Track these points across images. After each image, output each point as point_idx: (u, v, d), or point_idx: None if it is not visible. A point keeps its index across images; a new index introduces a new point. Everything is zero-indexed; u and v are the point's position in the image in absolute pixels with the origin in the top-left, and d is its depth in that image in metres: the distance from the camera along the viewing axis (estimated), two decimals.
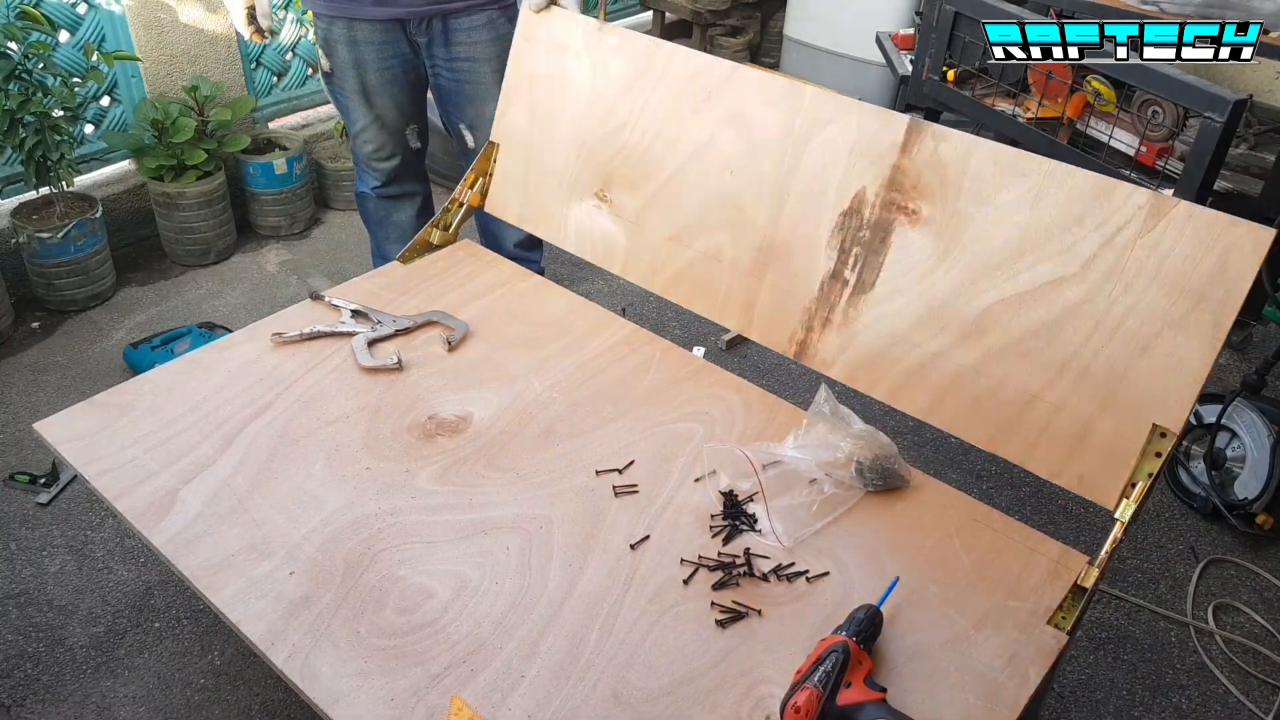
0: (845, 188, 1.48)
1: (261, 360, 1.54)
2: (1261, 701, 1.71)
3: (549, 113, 1.80)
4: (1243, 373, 2.52)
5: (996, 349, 1.34)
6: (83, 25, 2.59)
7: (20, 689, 1.62)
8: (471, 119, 2.12)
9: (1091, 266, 1.27)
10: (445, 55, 2.03)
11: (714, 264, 1.60)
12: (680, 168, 1.65)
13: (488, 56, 2.03)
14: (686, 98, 1.64)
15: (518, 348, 1.61)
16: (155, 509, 1.26)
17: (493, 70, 2.03)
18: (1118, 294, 1.25)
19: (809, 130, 1.52)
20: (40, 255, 2.46)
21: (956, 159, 1.38)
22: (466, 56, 2.02)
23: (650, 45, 1.69)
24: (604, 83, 1.73)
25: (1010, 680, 1.09)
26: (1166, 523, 2.08)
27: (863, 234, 1.46)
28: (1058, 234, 1.29)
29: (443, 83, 2.09)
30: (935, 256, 1.39)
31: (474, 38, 2.01)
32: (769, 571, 1.21)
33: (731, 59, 4.21)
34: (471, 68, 2.04)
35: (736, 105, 1.59)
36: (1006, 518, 1.31)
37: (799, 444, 1.37)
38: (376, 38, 2.00)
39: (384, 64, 2.04)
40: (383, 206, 2.29)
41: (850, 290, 1.47)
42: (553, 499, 1.31)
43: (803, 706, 0.97)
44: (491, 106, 2.05)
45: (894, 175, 1.44)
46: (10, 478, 2.02)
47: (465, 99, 2.09)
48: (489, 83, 2.05)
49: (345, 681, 1.06)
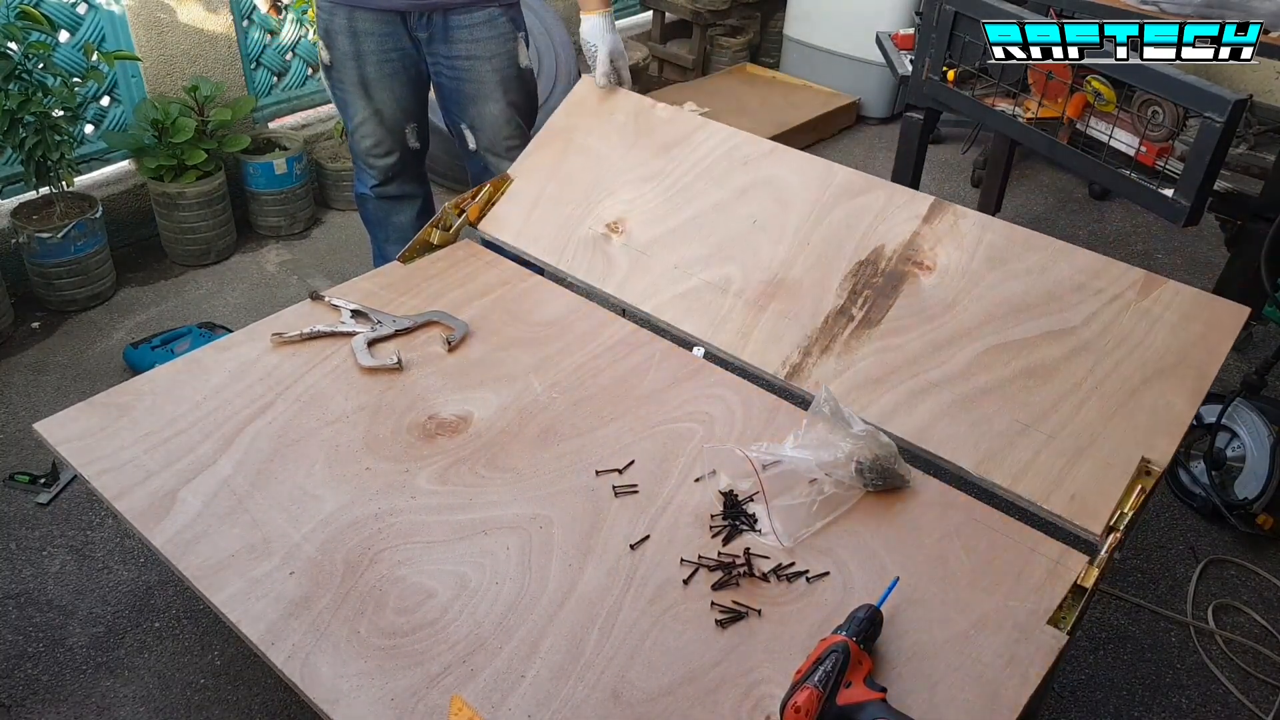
0: (865, 243, 1.61)
1: (261, 360, 1.54)
2: (1261, 701, 1.71)
3: (579, 160, 1.93)
4: (1243, 373, 2.52)
5: (993, 385, 1.41)
6: (83, 25, 2.59)
7: (20, 689, 1.62)
8: (473, 118, 2.11)
9: (1088, 325, 1.41)
10: (446, 53, 2.03)
11: (719, 292, 1.65)
12: (702, 211, 1.76)
13: (488, 55, 2.03)
14: (723, 162, 1.80)
15: (518, 348, 1.61)
16: (155, 509, 1.26)
17: (494, 69, 2.03)
18: (1110, 348, 1.38)
19: (838, 198, 1.67)
20: (40, 255, 2.46)
21: (973, 232, 1.55)
22: (466, 55, 2.02)
23: (697, 122, 1.88)
24: (644, 144, 1.89)
25: (1010, 680, 1.09)
26: (1166, 523, 2.08)
27: (876, 280, 1.57)
28: (1059, 296, 1.44)
29: (443, 81, 2.09)
30: (943, 305, 1.50)
31: (474, 35, 2.00)
32: (769, 571, 1.21)
33: (731, 59, 4.23)
34: (471, 66, 2.03)
35: (771, 173, 1.75)
36: (1006, 518, 1.31)
37: (799, 444, 1.37)
38: (377, 29, 2.00)
39: (384, 56, 2.04)
40: (382, 207, 2.28)
41: (855, 325, 1.54)
42: (553, 499, 1.31)
43: (803, 706, 0.97)
44: (493, 106, 2.04)
45: (913, 239, 1.58)
46: (10, 478, 2.02)
47: (466, 98, 2.09)
48: (490, 82, 2.05)
49: (345, 681, 1.06)
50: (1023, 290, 1.47)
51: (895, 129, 3.21)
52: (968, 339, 1.45)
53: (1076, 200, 3.48)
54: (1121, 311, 1.40)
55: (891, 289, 1.55)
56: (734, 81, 3.97)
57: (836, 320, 1.55)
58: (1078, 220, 3.35)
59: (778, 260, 1.64)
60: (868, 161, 3.59)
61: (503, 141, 2.12)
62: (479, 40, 2.01)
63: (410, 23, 2.00)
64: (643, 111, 1.93)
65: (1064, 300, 1.44)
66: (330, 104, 3.24)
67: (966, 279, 1.51)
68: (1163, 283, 1.39)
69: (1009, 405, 1.38)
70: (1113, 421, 1.32)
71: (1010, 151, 2.95)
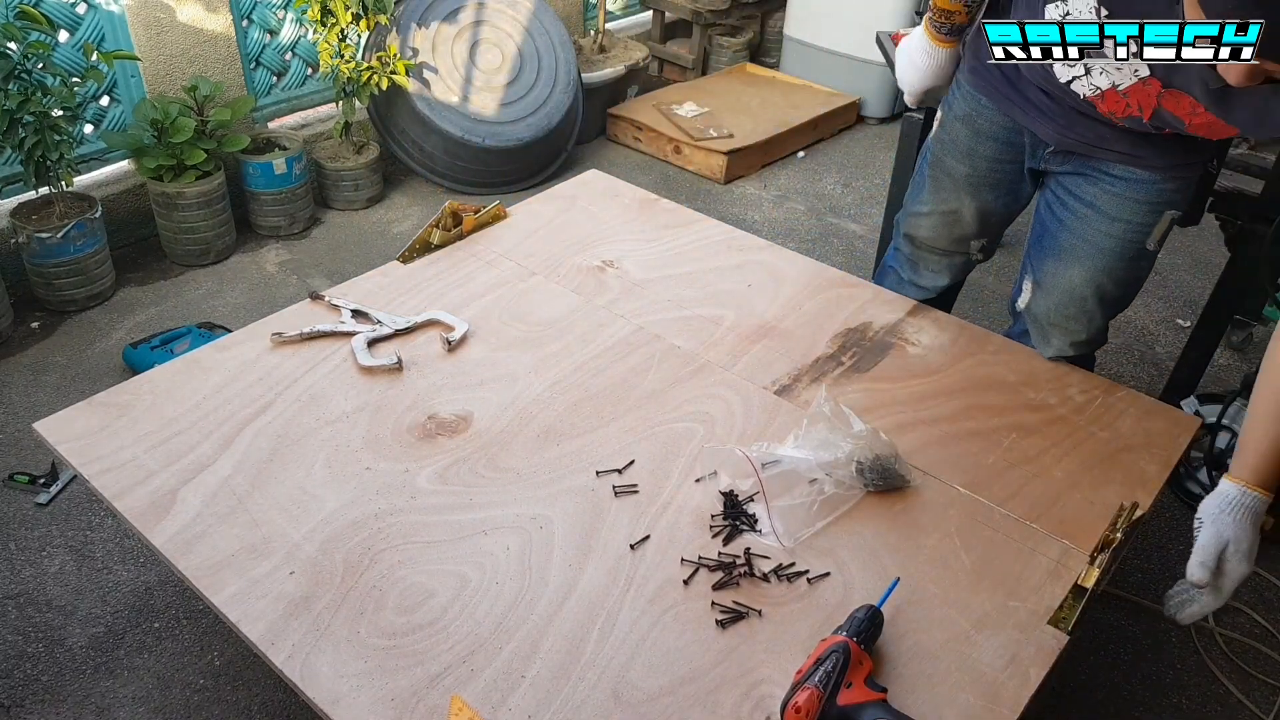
0: (854, 318, 1.75)
1: (261, 360, 1.54)
2: (1262, 702, 1.71)
3: (581, 216, 2.02)
4: (1243, 373, 2.52)
5: (979, 431, 1.50)
6: (82, 25, 2.58)
7: (20, 689, 1.61)
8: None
9: (1063, 405, 1.56)
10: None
11: (711, 324, 1.70)
12: (699, 270, 1.86)
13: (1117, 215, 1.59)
14: (721, 246, 1.95)
15: (517, 347, 1.61)
16: (155, 509, 1.26)
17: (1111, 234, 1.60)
18: (1084, 423, 1.52)
19: (830, 285, 1.84)
20: (40, 255, 2.46)
21: (953, 327, 1.74)
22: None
23: (697, 216, 2.04)
24: (646, 220, 2.02)
25: (1011, 680, 1.09)
26: (1166, 523, 2.08)
27: (864, 342, 1.68)
28: (1035, 383, 1.61)
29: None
30: (928, 369, 1.63)
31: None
32: (769, 571, 1.21)
33: (731, 59, 4.23)
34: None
35: (767, 259, 1.91)
36: (1007, 518, 1.31)
37: (799, 444, 1.37)
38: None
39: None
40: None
41: (844, 369, 1.62)
42: (553, 499, 1.31)
43: (803, 706, 0.97)
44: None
45: (898, 324, 1.73)
46: (10, 478, 2.01)
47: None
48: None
49: (346, 681, 1.06)
50: (1002, 372, 1.62)
51: (895, 129, 3.21)
52: (953, 396, 1.56)
53: None
54: (1091, 402, 1.57)
55: (880, 351, 1.66)
56: (734, 81, 3.96)
57: (826, 363, 1.62)
58: None
59: (770, 314, 1.73)
60: (868, 161, 3.59)
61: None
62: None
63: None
64: (649, 202, 2.08)
65: (1039, 385, 1.60)
66: (329, 104, 3.24)
67: (949, 356, 1.65)
68: (1122, 388, 1.60)
69: (995, 449, 1.45)
70: (1093, 473, 1.42)
71: None
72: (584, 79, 3.49)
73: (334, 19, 2.81)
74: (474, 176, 3.25)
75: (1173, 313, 2.86)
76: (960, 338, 1.70)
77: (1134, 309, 2.85)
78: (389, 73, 2.96)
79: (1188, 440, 1.50)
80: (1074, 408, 1.55)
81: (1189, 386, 2.13)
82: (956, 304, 2.78)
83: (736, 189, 3.42)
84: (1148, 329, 2.78)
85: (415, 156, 3.22)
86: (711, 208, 3.24)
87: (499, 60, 3.23)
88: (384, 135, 3.24)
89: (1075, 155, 1.58)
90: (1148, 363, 2.63)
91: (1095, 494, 1.37)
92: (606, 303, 1.73)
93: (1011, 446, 1.45)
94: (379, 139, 3.24)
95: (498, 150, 3.16)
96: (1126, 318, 2.81)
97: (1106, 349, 2.67)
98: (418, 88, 3.07)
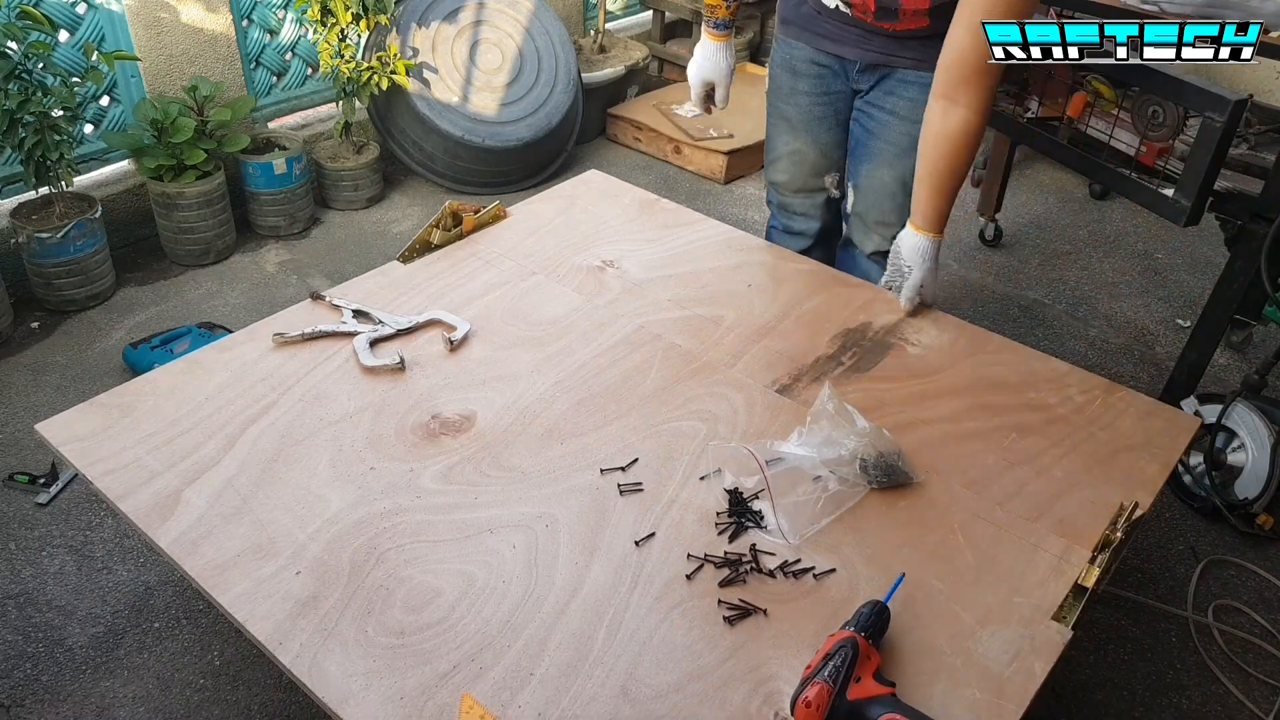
0: (854, 318, 1.75)
1: (263, 360, 1.54)
2: (1262, 702, 1.72)
3: (581, 216, 2.02)
4: (1243, 373, 2.53)
5: (979, 431, 1.49)
6: (82, 25, 2.58)
7: (20, 689, 1.61)
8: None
9: (1062, 405, 1.55)
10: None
11: (711, 324, 1.70)
12: (699, 270, 1.86)
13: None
14: (722, 247, 1.95)
15: (519, 347, 1.61)
16: (159, 510, 1.26)
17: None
18: (1083, 424, 1.52)
19: (829, 284, 1.84)
20: (40, 255, 2.45)
21: (953, 328, 1.73)
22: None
23: (694, 218, 2.04)
24: (646, 221, 2.02)
25: (1016, 675, 1.09)
26: (1166, 523, 2.09)
27: (864, 343, 1.68)
28: (1034, 384, 1.60)
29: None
30: (929, 370, 1.62)
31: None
32: (775, 568, 1.21)
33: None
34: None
35: (767, 260, 1.92)
36: (1010, 514, 1.32)
37: (803, 441, 1.38)
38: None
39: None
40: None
41: (844, 369, 1.62)
42: (558, 497, 1.31)
43: (814, 701, 0.98)
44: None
45: (899, 325, 1.73)
46: (10, 478, 2.01)
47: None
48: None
49: (354, 681, 1.05)
50: (1002, 373, 1.62)
51: None
52: (954, 396, 1.56)
53: (1077, 200, 3.49)
54: (1090, 402, 1.56)
55: (880, 351, 1.66)
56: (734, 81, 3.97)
57: (826, 363, 1.62)
58: (1078, 220, 3.36)
59: (770, 314, 1.74)
60: None
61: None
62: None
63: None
64: (649, 202, 2.08)
65: (1039, 386, 1.59)
66: (329, 104, 3.24)
67: (950, 357, 1.65)
68: (1121, 388, 1.59)
69: (995, 448, 1.45)
70: (1093, 472, 1.41)
71: (1010, 151, 2.95)
72: (584, 79, 3.50)
73: (334, 19, 2.81)
74: (474, 176, 3.25)
75: (1173, 313, 2.87)
76: (960, 338, 1.70)
77: (1134, 309, 2.86)
78: (389, 73, 2.96)
79: (1187, 440, 1.51)
80: (1074, 408, 1.55)
81: (1189, 386, 2.14)
82: (956, 304, 2.80)
83: (736, 189, 3.43)
84: (1148, 329, 2.79)
85: (415, 156, 3.22)
86: (711, 208, 3.25)
87: (499, 60, 3.23)
88: (384, 135, 3.24)
89: (878, 68, 1.81)
90: (1148, 363, 2.64)
91: (1095, 494, 1.37)
92: (607, 302, 1.74)
93: (1012, 446, 1.46)
94: (379, 139, 3.24)
95: (498, 150, 3.16)
96: (1126, 318, 2.82)
97: (1107, 349, 2.68)
98: (418, 88, 3.07)
